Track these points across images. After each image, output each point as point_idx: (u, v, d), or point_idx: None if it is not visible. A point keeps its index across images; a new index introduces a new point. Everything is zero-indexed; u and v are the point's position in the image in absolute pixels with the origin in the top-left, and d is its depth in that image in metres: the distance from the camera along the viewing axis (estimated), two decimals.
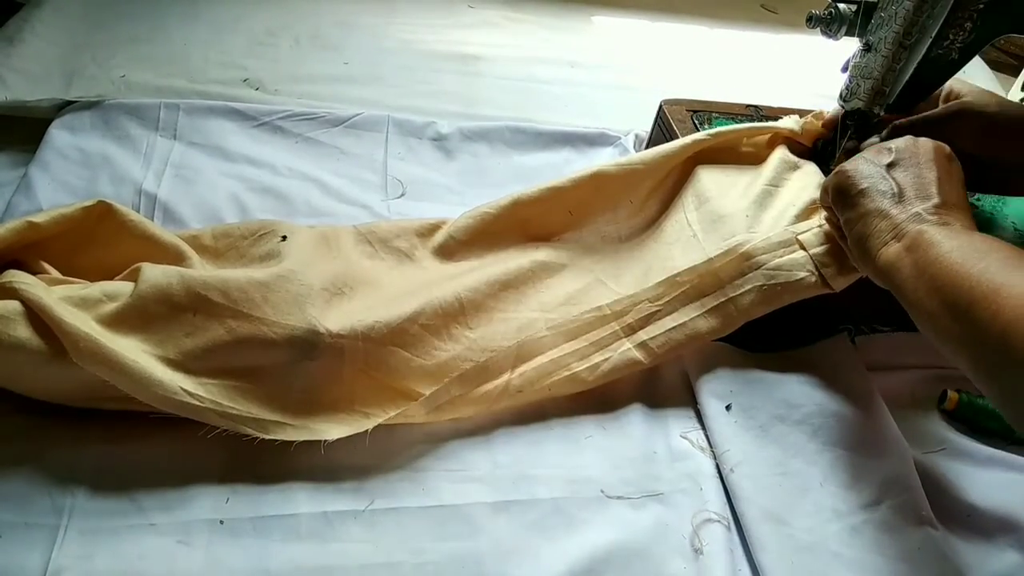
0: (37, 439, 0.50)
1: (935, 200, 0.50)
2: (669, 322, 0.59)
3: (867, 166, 0.53)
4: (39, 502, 0.47)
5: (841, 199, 0.54)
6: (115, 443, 0.50)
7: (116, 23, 0.87)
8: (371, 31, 0.95)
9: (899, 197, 0.51)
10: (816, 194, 0.62)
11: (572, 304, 0.61)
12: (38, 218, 0.53)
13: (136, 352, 0.48)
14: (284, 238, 0.59)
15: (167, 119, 0.75)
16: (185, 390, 0.48)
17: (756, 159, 0.69)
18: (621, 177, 0.67)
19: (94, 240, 0.56)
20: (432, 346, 0.56)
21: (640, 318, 0.59)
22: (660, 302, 0.59)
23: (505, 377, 0.56)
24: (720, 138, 0.68)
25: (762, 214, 0.62)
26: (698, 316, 0.59)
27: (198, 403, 0.49)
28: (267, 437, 0.50)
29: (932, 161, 0.52)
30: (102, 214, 0.56)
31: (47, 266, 0.53)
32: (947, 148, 0.54)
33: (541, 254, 0.64)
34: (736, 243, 0.59)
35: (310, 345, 0.51)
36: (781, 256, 0.59)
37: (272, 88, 0.83)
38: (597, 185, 0.67)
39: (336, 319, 0.53)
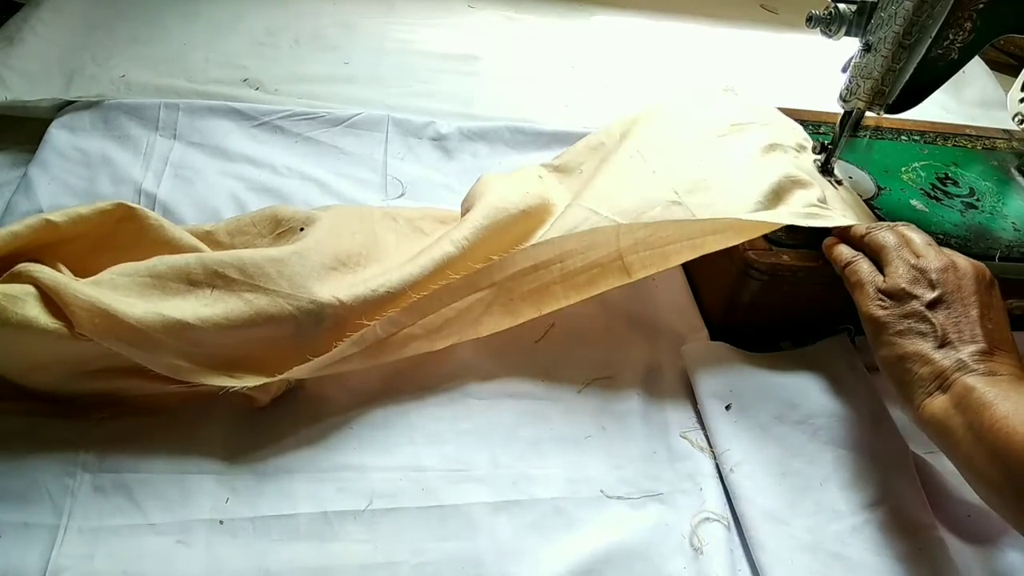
0: (37, 439, 0.50)
1: (980, 344, 0.47)
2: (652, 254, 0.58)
3: (906, 305, 0.50)
4: (39, 502, 0.47)
5: (874, 334, 0.51)
6: (115, 443, 0.50)
7: (116, 23, 0.87)
8: (371, 31, 0.95)
9: (941, 341, 0.48)
10: (781, 138, 0.63)
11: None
12: (56, 216, 0.53)
13: (152, 318, 0.49)
14: (302, 229, 0.60)
15: (167, 119, 0.75)
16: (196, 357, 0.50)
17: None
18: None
19: (111, 243, 0.56)
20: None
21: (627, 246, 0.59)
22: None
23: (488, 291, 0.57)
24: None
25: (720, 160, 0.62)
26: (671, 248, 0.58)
27: (211, 369, 0.51)
28: (272, 394, 0.53)
29: (974, 294, 0.49)
30: (122, 217, 0.56)
31: (63, 268, 0.53)
32: (987, 272, 0.52)
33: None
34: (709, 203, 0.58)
35: (318, 316, 0.52)
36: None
37: (272, 88, 0.83)
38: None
39: (345, 288, 0.54)
